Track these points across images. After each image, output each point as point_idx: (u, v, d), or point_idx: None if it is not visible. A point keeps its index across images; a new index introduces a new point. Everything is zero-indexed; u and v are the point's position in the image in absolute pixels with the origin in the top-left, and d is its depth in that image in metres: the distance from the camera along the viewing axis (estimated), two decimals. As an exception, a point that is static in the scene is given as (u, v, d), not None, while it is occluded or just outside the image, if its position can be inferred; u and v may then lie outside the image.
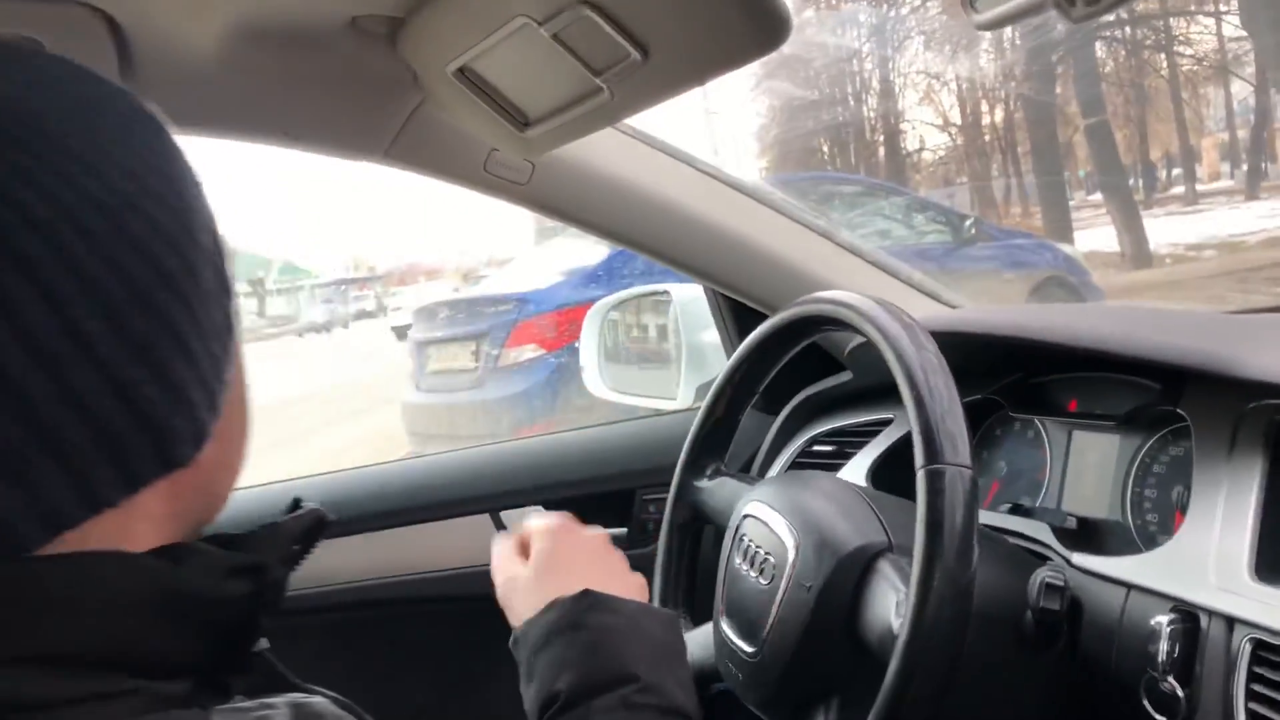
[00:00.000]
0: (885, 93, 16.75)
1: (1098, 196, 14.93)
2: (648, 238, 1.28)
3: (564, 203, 1.23)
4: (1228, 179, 16.49)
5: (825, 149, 16.56)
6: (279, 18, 0.97)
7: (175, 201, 0.49)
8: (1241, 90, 15.39)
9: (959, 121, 16.86)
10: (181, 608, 0.50)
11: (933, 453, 0.83)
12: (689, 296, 1.58)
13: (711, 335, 1.55)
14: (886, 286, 1.39)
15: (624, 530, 1.51)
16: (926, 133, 17.24)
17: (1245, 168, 15.25)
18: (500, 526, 1.46)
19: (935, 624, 0.79)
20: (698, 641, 1.13)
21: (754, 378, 1.14)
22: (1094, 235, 11.71)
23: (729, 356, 1.53)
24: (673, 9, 0.76)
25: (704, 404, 1.17)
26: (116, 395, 0.46)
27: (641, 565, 1.47)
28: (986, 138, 16.63)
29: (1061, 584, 0.88)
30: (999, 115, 16.32)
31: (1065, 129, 14.29)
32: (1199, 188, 15.93)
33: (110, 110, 0.51)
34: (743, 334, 1.46)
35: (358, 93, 1.08)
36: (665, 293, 1.62)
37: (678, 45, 0.80)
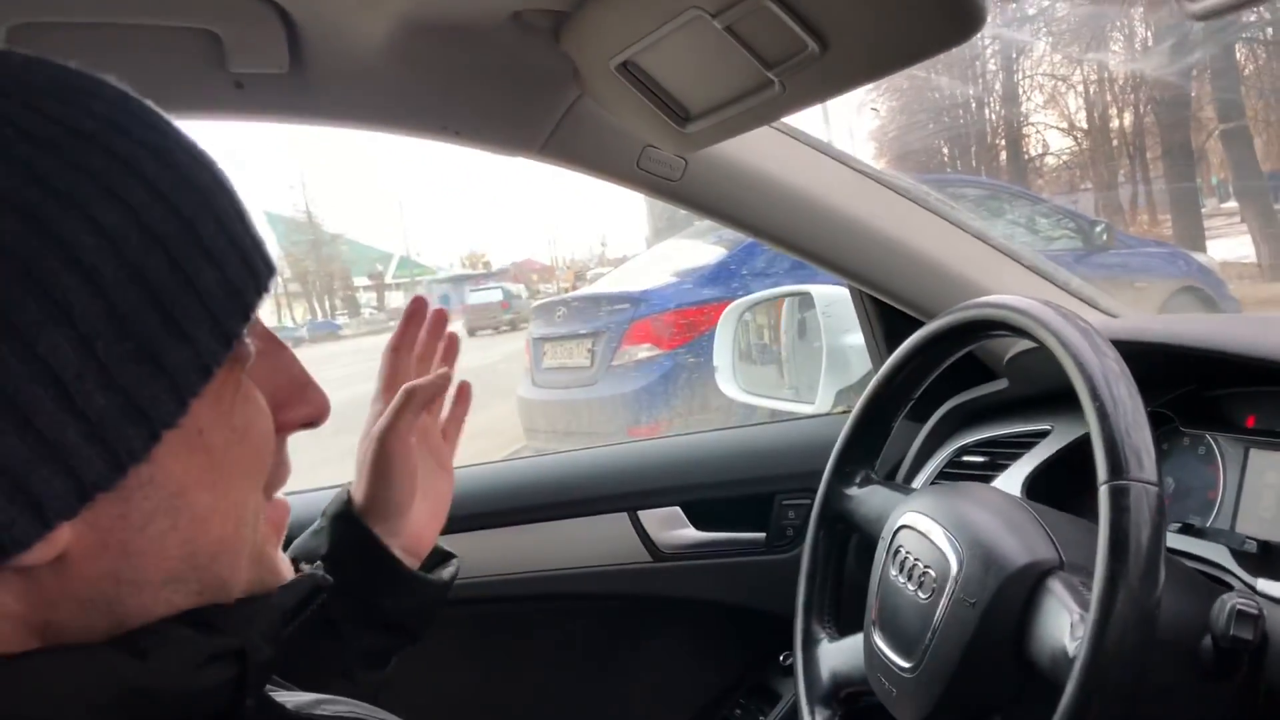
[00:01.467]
0: (1009, 95, 16.35)
1: (1231, 204, 14.33)
2: (799, 236, 1.25)
3: (715, 200, 1.21)
4: (1376, 186, 15.67)
5: (946, 151, 16.22)
6: (444, 12, 0.97)
7: (14, 235, 0.40)
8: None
9: (1085, 125, 16.37)
10: (152, 710, 0.43)
11: (1117, 468, 0.79)
12: (831, 298, 1.54)
13: (853, 339, 1.52)
14: (1043, 292, 1.34)
15: (763, 535, 1.48)
16: (1051, 136, 16.76)
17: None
18: (638, 525, 1.45)
19: (1117, 648, 0.75)
20: (845, 652, 1.10)
21: (911, 382, 1.10)
22: (1227, 244, 11.24)
23: (874, 361, 1.50)
24: (859, -1, 0.74)
25: (856, 408, 1.14)
26: None
27: (779, 571, 1.46)
28: (1114, 142, 16.11)
29: (1255, 612, 0.83)
30: (1128, 119, 15.80)
31: (1198, 134, 13.76)
32: (1345, 196, 15.18)
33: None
34: (890, 338, 1.42)
35: (517, 87, 1.08)
36: (806, 294, 1.59)
37: (860, 36, 0.77)
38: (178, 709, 0.44)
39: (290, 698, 0.56)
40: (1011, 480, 1.23)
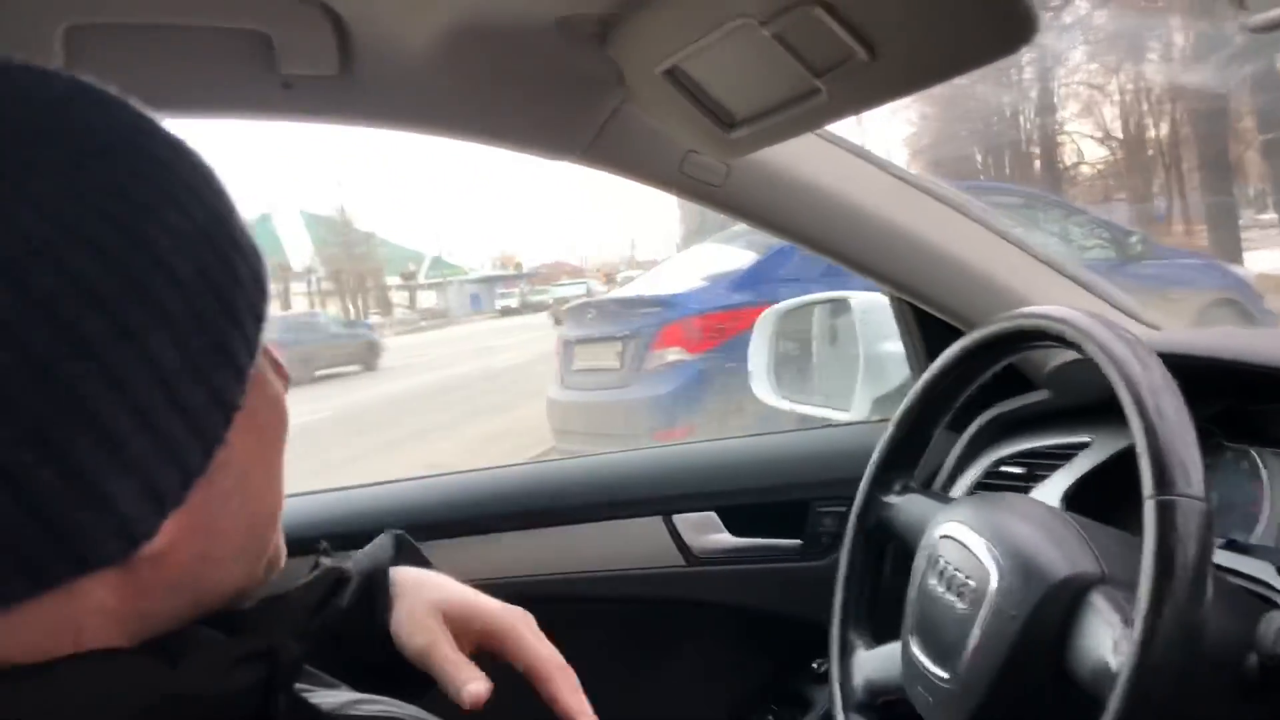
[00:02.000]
0: (1044, 103, 16.24)
1: (1269, 215, 14.17)
2: (840, 243, 1.25)
3: (757, 206, 1.21)
4: None
5: (979, 159, 16.13)
6: (491, 17, 0.98)
7: (113, 253, 0.41)
8: None
9: (1120, 135, 16.23)
10: (181, 714, 0.43)
11: (1164, 482, 0.78)
12: (869, 305, 1.54)
13: (891, 346, 1.51)
14: (1085, 303, 1.33)
15: (798, 542, 1.48)
16: (1086, 146, 16.63)
17: None
18: (672, 529, 1.45)
19: (1161, 665, 0.75)
20: (881, 660, 1.10)
21: (953, 391, 1.10)
22: (1264, 256, 11.11)
23: (912, 369, 1.50)
24: (910, 5, 0.73)
25: (896, 416, 1.14)
26: (7, 486, 0.39)
27: (813, 578, 1.45)
28: (1150, 152, 15.96)
29: (1305, 630, 0.82)
30: (1164, 129, 15.66)
31: (1237, 145, 13.60)
32: (1384, 209, 14.98)
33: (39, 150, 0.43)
34: (930, 346, 1.42)
35: (561, 92, 1.08)
36: (844, 300, 1.58)
37: (908, 45, 0.77)
38: (209, 712, 0.45)
39: (325, 697, 0.56)
40: (1050, 492, 1.22)
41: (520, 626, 0.79)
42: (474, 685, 0.70)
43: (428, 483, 1.51)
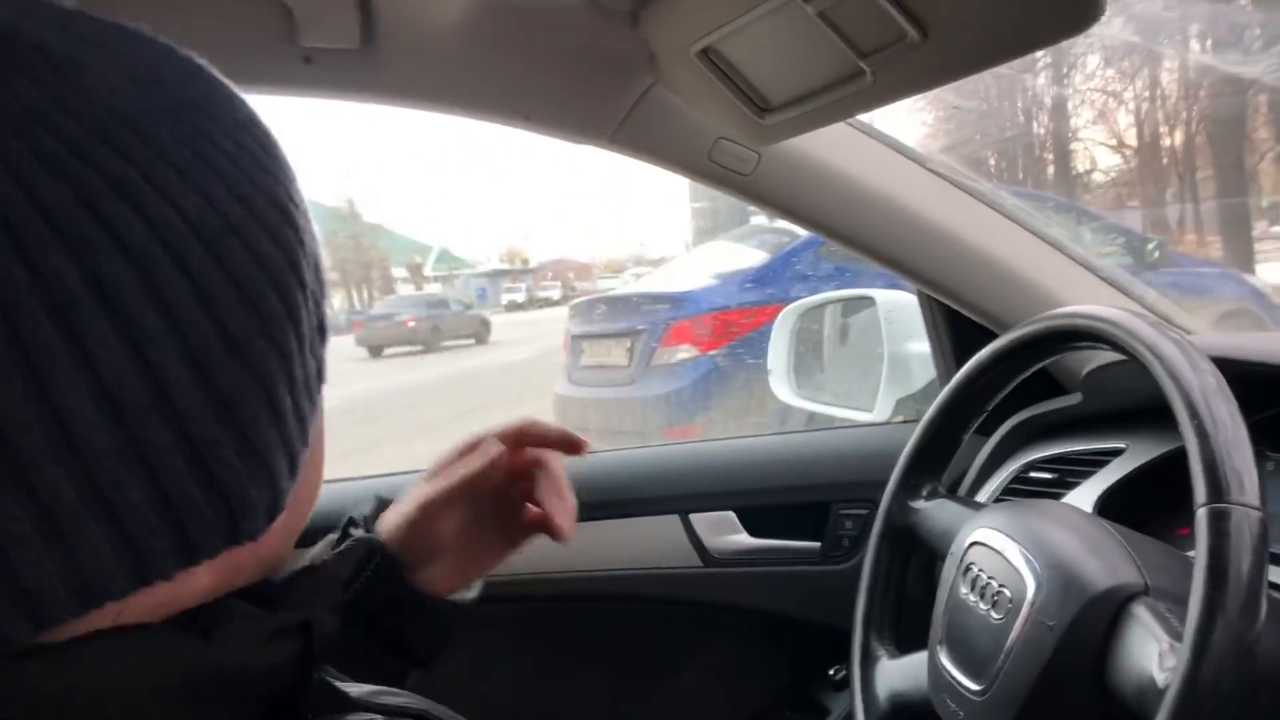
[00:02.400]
0: (1058, 109, 16.18)
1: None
2: (871, 238, 1.21)
3: (787, 197, 1.17)
4: None
5: (992, 163, 16.07)
6: (521, -8, 0.95)
7: (282, 232, 0.42)
8: None
9: (1135, 143, 16.17)
10: (220, 689, 0.42)
11: (1217, 490, 0.75)
12: (894, 303, 1.50)
13: (916, 346, 1.47)
14: (1122, 305, 1.29)
15: (818, 545, 1.44)
16: (1099, 153, 16.57)
17: None
18: (690, 529, 1.41)
19: (1213, 683, 0.71)
20: (906, 671, 1.06)
21: (987, 393, 1.06)
22: (1276, 269, 11.06)
23: (939, 370, 1.46)
24: (969, -16, 0.70)
25: (925, 418, 1.10)
26: (190, 456, 0.39)
27: (833, 582, 1.42)
28: (1164, 161, 15.90)
29: (1364, 650, 0.78)
30: (1179, 137, 15.59)
31: (1251, 155, 13.55)
32: (1399, 222, 14.92)
33: (223, 118, 0.43)
34: (958, 347, 1.38)
35: (591, 72, 1.05)
36: (868, 298, 1.55)
37: (965, 25, 0.73)
38: (244, 687, 0.43)
39: (349, 687, 0.54)
40: (1082, 499, 1.19)
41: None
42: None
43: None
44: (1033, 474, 1.30)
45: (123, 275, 0.36)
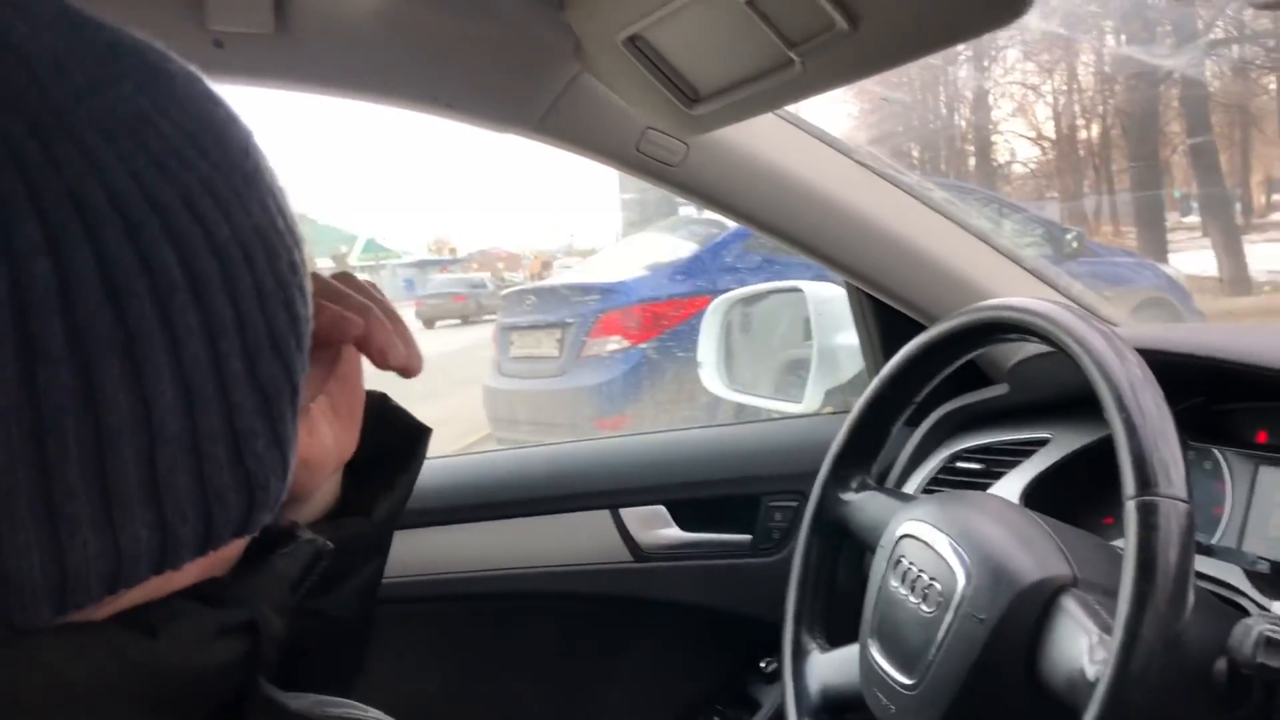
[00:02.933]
0: (979, 101, 16.46)
1: (1193, 219, 14.53)
2: (800, 229, 1.20)
3: (715, 188, 1.16)
4: (1332, 207, 15.98)
5: (915, 155, 16.31)
6: (442, -25, 0.92)
7: (297, 239, 0.45)
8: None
9: (1053, 135, 16.52)
10: (163, 690, 0.41)
11: (1146, 483, 0.75)
12: (823, 296, 1.50)
13: (845, 338, 1.47)
14: (1048, 297, 1.30)
15: (748, 537, 1.44)
16: (1019, 145, 16.91)
17: (1352, 197, 14.75)
18: (620, 524, 1.39)
19: (1142, 674, 0.72)
20: (837, 665, 1.06)
21: (914, 385, 1.06)
22: (1189, 258, 11.39)
23: (867, 362, 1.46)
24: (899, -27, 0.69)
25: (855, 410, 1.10)
26: (231, 446, 0.40)
27: (764, 574, 1.41)
28: (1081, 153, 16.27)
29: (1288, 640, 0.79)
30: (1095, 130, 15.96)
31: (1164, 148, 13.91)
32: (1301, 215, 15.45)
33: (251, 139, 0.45)
34: (887, 339, 1.38)
35: (514, 59, 1.02)
36: (798, 290, 1.54)
37: (894, 14, 0.72)
38: (189, 688, 0.42)
39: (290, 699, 0.51)
40: (1008, 489, 1.20)
41: None
42: None
43: None
44: (960, 464, 1.30)
45: (210, 270, 0.39)
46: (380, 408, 0.73)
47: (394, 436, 0.74)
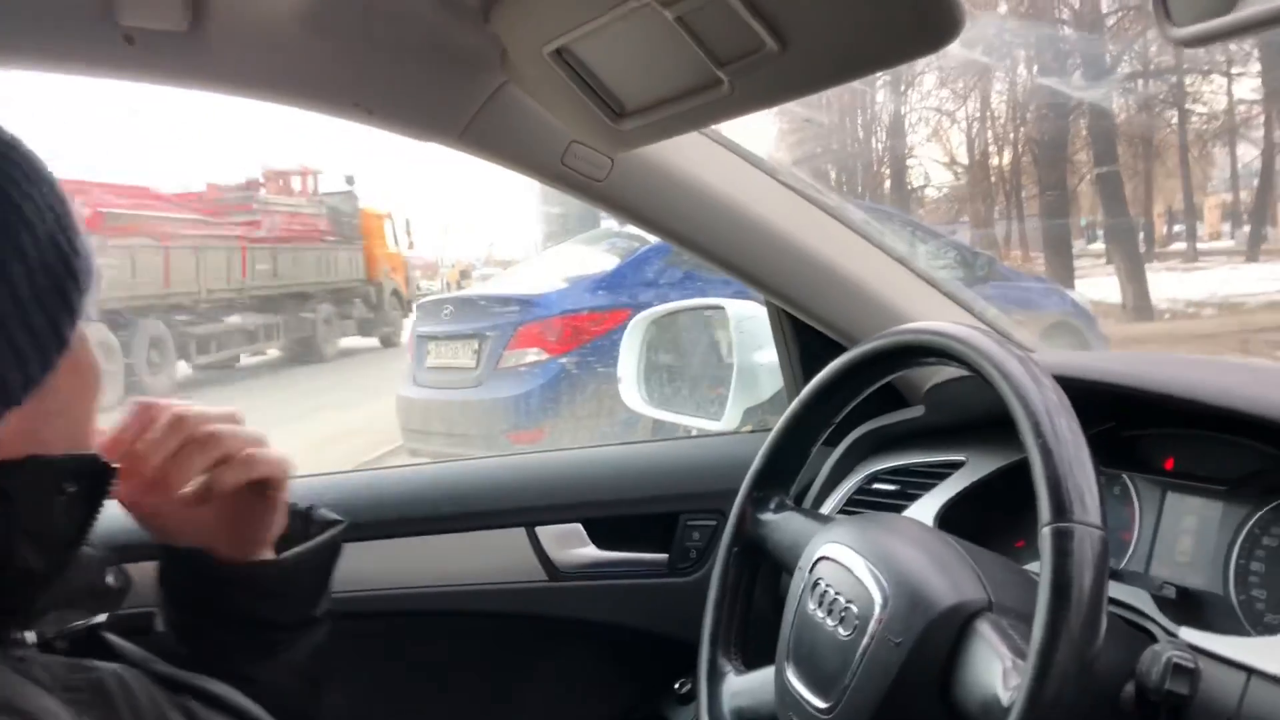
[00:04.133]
0: (895, 125, 16.78)
1: (1098, 246, 15.00)
2: (723, 248, 1.20)
3: (639, 204, 1.15)
4: (1228, 239, 16.64)
5: (833, 175, 16.55)
6: (365, -23, 0.89)
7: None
8: (1246, 153, 15.52)
9: (966, 161, 16.91)
10: None
11: (1061, 509, 0.76)
12: (744, 314, 1.50)
13: (765, 356, 1.48)
14: (964, 321, 1.32)
15: (665, 556, 1.42)
16: (933, 169, 17.29)
17: (1247, 230, 15.35)
18: (535, 542, 1.37)
19: (1055, 700, 0.72)
20: (753, 687, 1.05)
21: (834, 406, 1.06)
22: (1093, 284, 11.74)
23: (786, 381, 1.46)
24: (830, -5, 0.69)
25: (775, 430, 1.09)
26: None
27: (681, 594, 1.40)
28: (992, 179, 16.67)
29: (1192, 666, 0.80)
30: (1007, 157, 16.37)
31: (1072, 177, 14.32)
32: (1200, 246, 16.05)
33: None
34: (806, 359, 1.38)
35: (438, 67, 1.00)
36: (720, 308, 1.54)
37: (823, 37, 0.72)
38: None
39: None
40: (923, 511, 1.21)
41: None
42: None
43: None
44: (876, 485, 1.31)
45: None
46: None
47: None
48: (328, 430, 7.52)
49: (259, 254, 11.07)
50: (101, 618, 0.75)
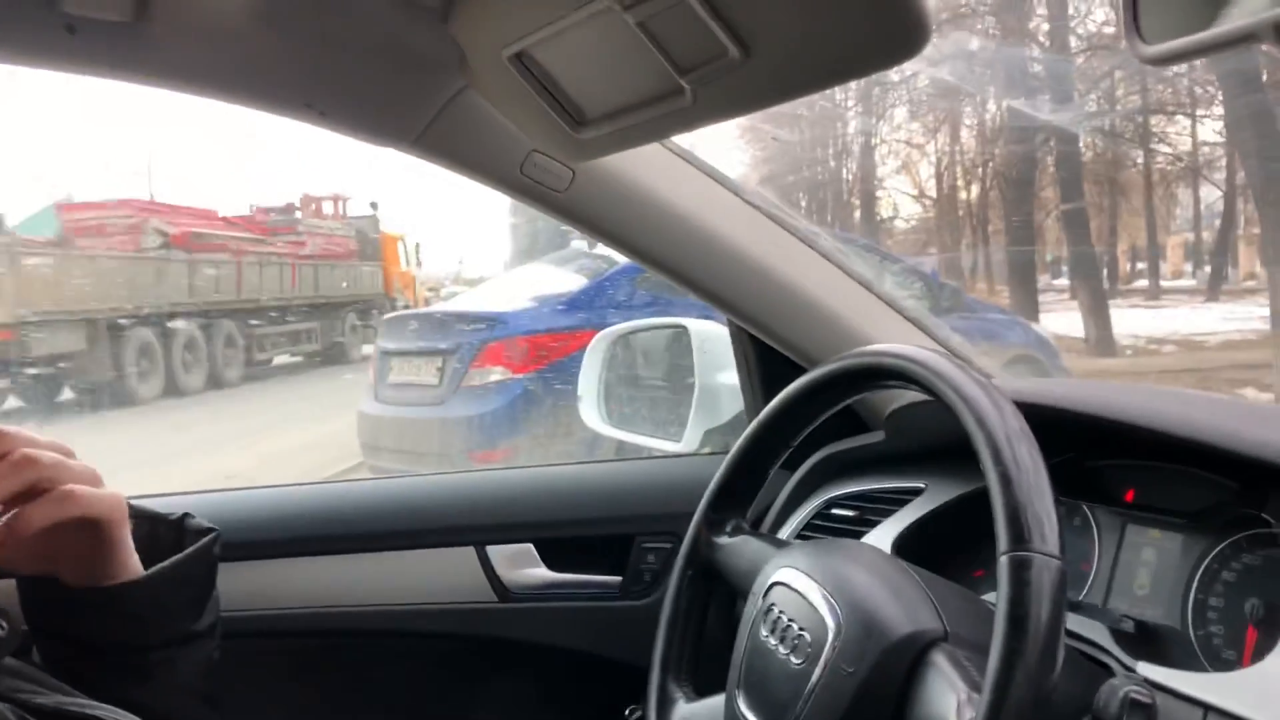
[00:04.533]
0: (865, 156, 16.92)
1: (1061, 281, 15.16)
2: (685, 266, 1.18)
3: (601, 218, 1.13)
4: (1190, 278, 16.88)
5: (803, 204, 16.65)
6: (320, -26, 0.86)
7: None
8: (1209, 194, 15.77)
9: (934, 194, 17.07)
10: None
11: (1019, 538, 0.74)
12: (706, 334, 1.48)
13: (726, 377, 1.45)
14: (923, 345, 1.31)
15: (619, 579, 1.39)
16: (901, 201, 17.44)
17: (1208, 269, 15.58)
18: (485, 562, 1.33)
19: (1011, 734, 0.69)
20: (704, 715, 1.02)
21: (792, 429, 1.04)
22: (1057, 319, 11.85)
23: (747, 402, 1.44)
24: (794, 1, 0.66)
25: (732, 452, 1.07)
26: None
27: (634, 618, 1.37)
28: (960, 212, 16.83)
29: (1149, 701, 0.79)
30: (974, 191, 16.54)
31: (1039, 212, 14.48)
32: (1162, 283, 16.28)
33: None
34: (768, 380, 1.36)
35: (395, 70, 0.97)
36: (681, 327, 1.52)
37: (788, 46, 0.70)
38: None
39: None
40: (881, 537, 1.18)
41: None
42: None
43: (204, 498, 1.36)
44: (835, 510, 1.29)
45: None
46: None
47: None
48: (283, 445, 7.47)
49: (304, 269, 12.96)
50: None
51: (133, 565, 0.84)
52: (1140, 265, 17.51)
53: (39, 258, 9.55)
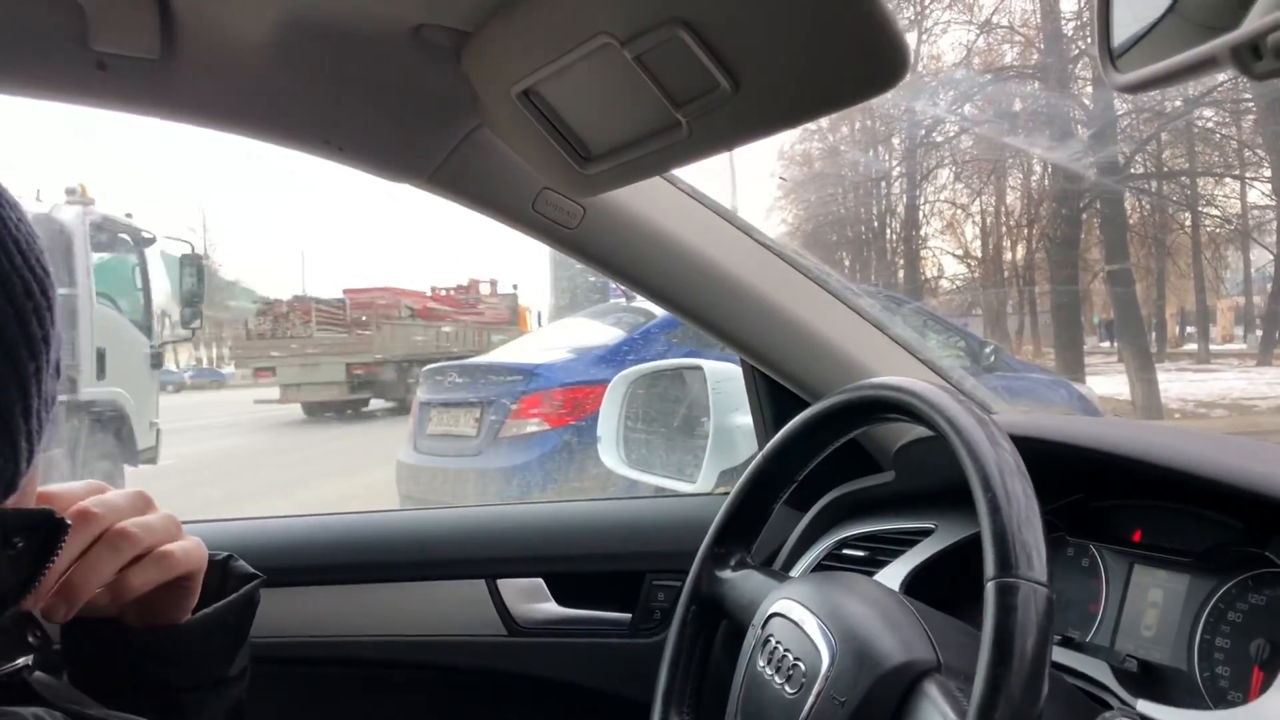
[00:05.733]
0: (910, 217, 16.95)
1: (1107, 344, 15.00)
2: (695, 303, 1.20)
3: (611, 255, 1.15)
4: (1240, 342, 16.64)
5: (847, 264, 16.67)
6: (339, 17, 0.90)
7: (36, 273, 0.63)
8: (1260, 257, 15.58)
9: (979, 255, 17.02)
10: None
11: (1006, 564, 0.74)
12: (723, 375, 1.49)
13: (742, 419, 1.46)
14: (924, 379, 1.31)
15: (629, 616, 1.39)
16: (946, 261, 17.42)
17: (1259, 333, 15.35)
18: (496, 595, 1.34)
19: (995, 762, 0.69)
20: (702, 748, 1.02)
21: (797, 464, 1.05)
22: (1104, 381, 11.71)
23: (760, 442, 1.44)
24: (778, 35, 0.69)
25: (736, 487, 1.08)
26: None
27: (643, 655, 1.37)
28: (1005, 273, 16.76)
29: (1141, 733, 0.78)
30: (1020, 252, 16.48)
31: (1085, 274, 14.39)
32: (1212, 347, 16.06)
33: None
34: (779, 419, 1.37)
35: (412, 108, 1.01)
36: (697, 367, 1.53)
37: (775, 78, 0.72)
38: None
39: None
40: (891, 577, 1.18)
41: None
42: None
43: (222, 526, 1.38)
44: (846, 551, 1.29)
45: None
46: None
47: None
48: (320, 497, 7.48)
49: (484, 331, 18.06)
50: (21, 662, 0.70)
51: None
52: (1190, 329, 17.30)
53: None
